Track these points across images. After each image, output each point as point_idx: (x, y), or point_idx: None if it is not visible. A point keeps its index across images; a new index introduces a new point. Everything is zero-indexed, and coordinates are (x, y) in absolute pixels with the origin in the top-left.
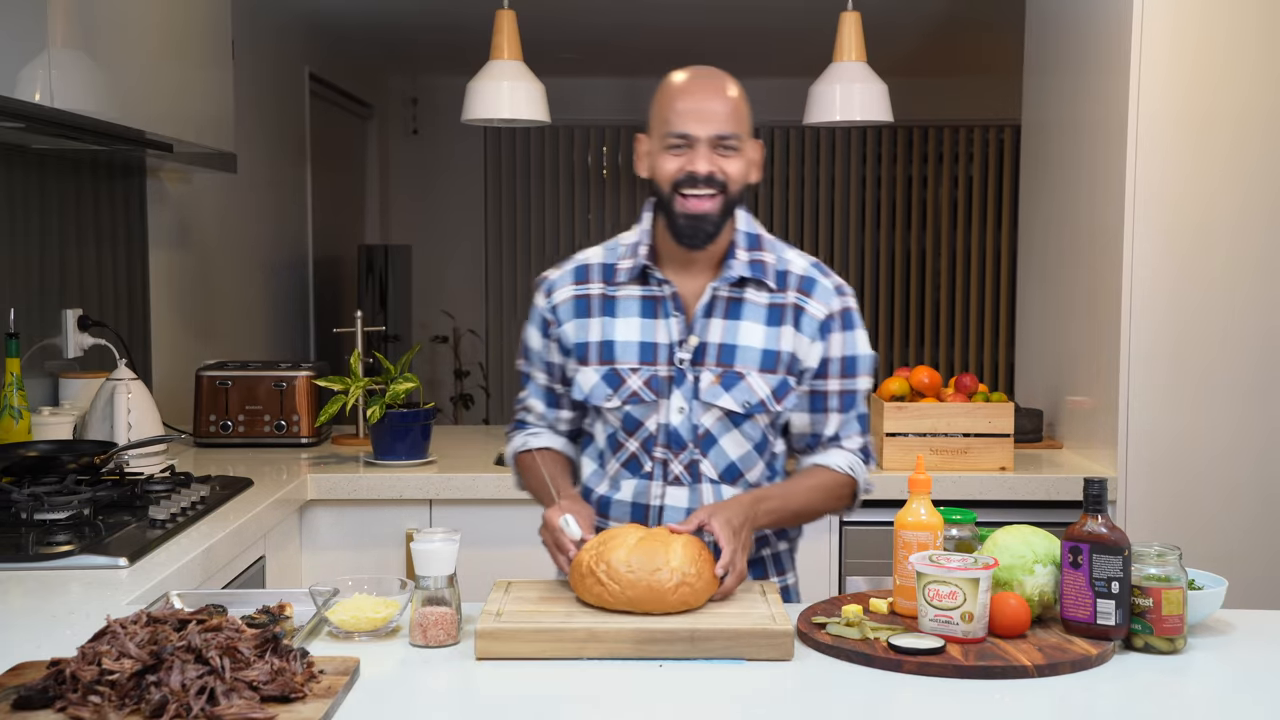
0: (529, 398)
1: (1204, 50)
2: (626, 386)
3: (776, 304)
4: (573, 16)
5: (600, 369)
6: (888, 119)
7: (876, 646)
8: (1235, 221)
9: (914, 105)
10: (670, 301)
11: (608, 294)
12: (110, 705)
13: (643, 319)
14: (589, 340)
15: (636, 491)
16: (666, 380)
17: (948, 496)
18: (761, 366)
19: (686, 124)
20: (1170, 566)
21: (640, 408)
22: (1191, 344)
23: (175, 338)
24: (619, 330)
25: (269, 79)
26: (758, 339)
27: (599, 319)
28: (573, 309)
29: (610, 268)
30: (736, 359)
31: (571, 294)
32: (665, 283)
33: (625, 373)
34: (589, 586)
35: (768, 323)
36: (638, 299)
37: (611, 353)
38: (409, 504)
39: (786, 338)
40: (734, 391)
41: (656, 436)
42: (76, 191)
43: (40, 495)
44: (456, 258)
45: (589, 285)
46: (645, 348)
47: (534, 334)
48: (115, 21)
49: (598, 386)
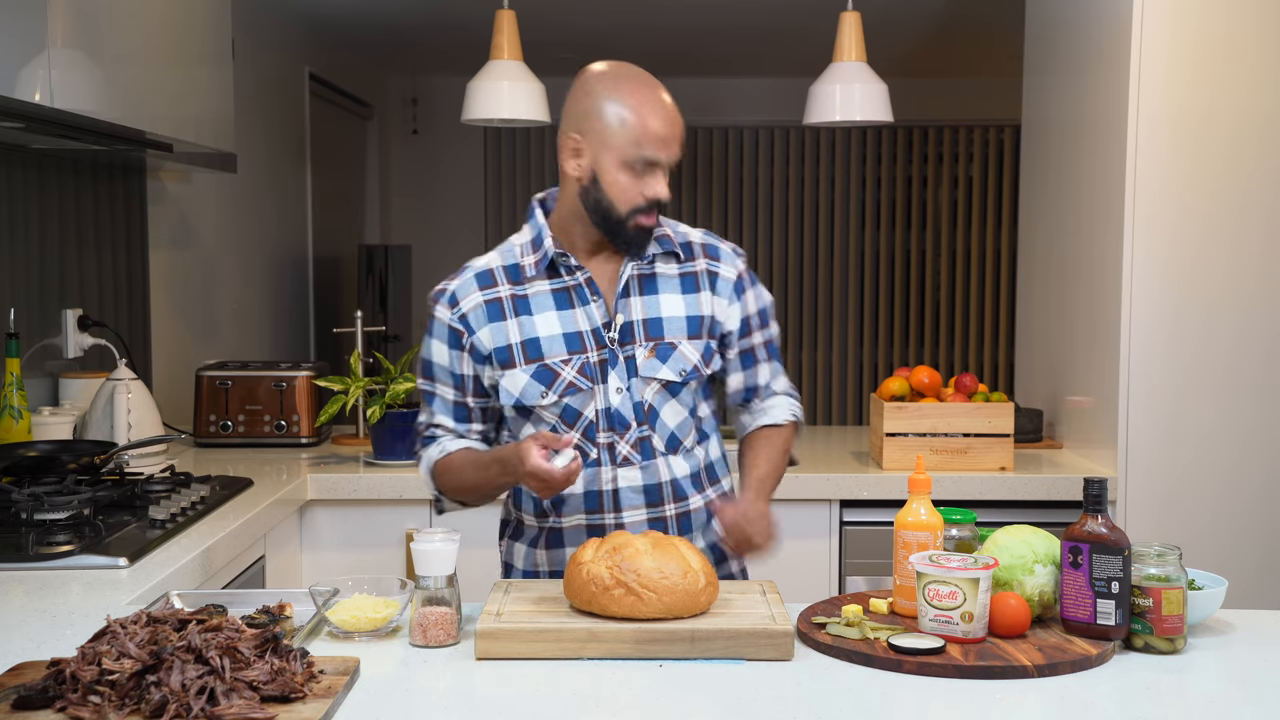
0: (436, 415)
1: (1204, 50)
2: (560, 379)
3: (688, 272)
4: (573, 16)
5: (529, 368)
6: (888, 119)
7: (876, 646)
8: (1235, 221)
9: (914, 105)
10: (586, 288)
11: (517, 294)
12: (110, 705)
13: (560, 310)
14: (510, 342)
15: (587, 480)
16: (599, 365)
17: (948, 496)
18: (689, 333)
19: (658, 152)
20: (1170, 566)
21: (577, 397)
22: (1191, 344)
23: (175, 338)
24: (539, 326)
25: (269, 79)
26: (679, 308)
27: (514, 320)
28: (484, 314)
29: (514, 268)
30: (665, 330)
31: (480, 300)
32: (579, 269)
33: (556, 365)
34: (617, 599)
35: (684, 291)
36: (549, 292)
37: (537, 349)
38: (409, 504)
39: (705, 303)
40: (670, 362)
41: (597, 422)
42: (76, 191)
43: (40, 495)
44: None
45: (496, 288)
46: (570, 338)
47: (438, 348)
48: (115, 21)
49: (529, 386)
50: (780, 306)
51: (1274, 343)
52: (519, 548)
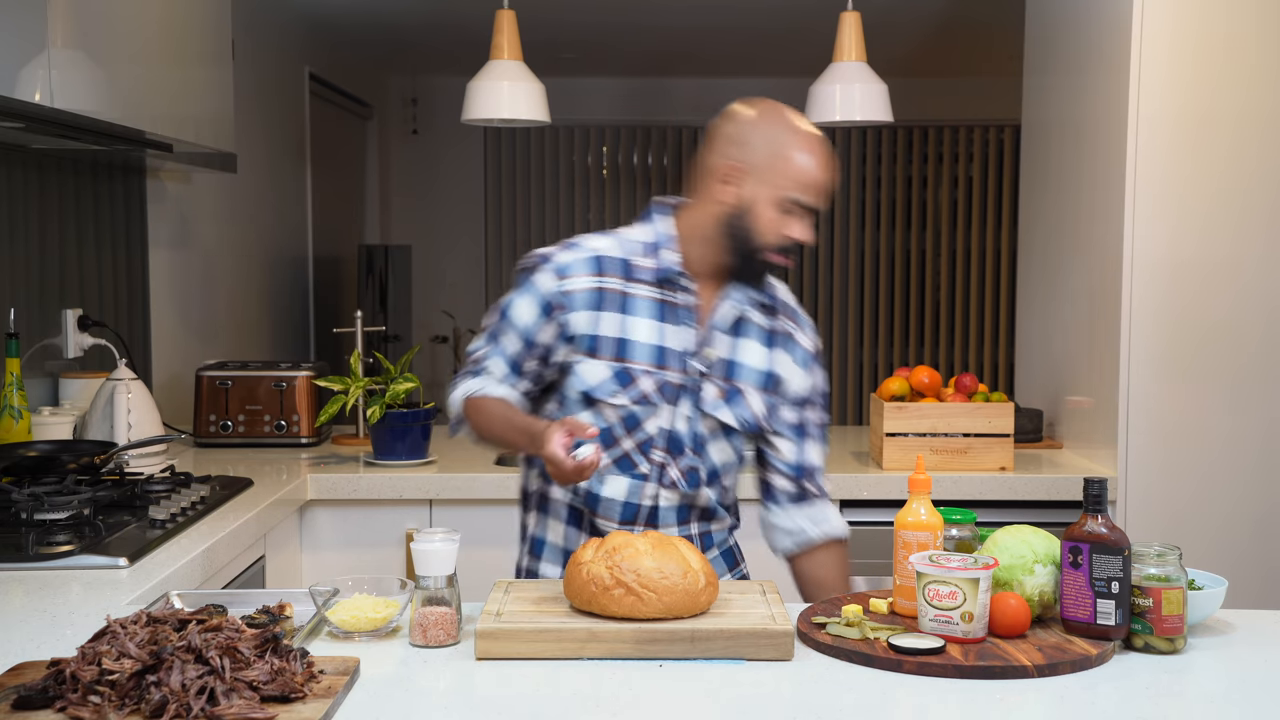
0: (489, 357)
1: (1204, 50)
2: (637, 387)
3: (773, 329)
4: (573, 16)
5: (612, 365)
6: (888, 119)
7: (876, 646)
8: (1235, 221)
9: (914, 105)
10: (689, 310)
11: (624, 290)
12: (110, 705)
13: (658, 322)
14: (601, 334)
15: (630, 490)
16: (676, 387)
17: (948, 496)
18: (760, 386)
19: (814, 198)
20: (1170, 566)
21: (646, 409)
22: (1191, 344)
23: (175, 338)
24: (636, 329)
25: (269, 79)
26: (758, 359)
27: (614, 314)
28: (588, 299)
29: (626, 264)
30: (739, 375)
31: (589, 283)
32: (691, 293)
33: (638, 373)
34: (617, 599)
35: (766, 344)
36: (653, 300)
37: (626, 350)
38: (409, 504)
39: (781, 362)
40: (734, 407)
41: (655, 440)
42: (76, 191)
43: (40, 495)
44: (456, 258)
45: (606, 278)
46: (660, 351)
47: (525, 306)
48: (115, 21)
49: (606, 382)
50: None
51: (1274, 342)
52: (553, 523)
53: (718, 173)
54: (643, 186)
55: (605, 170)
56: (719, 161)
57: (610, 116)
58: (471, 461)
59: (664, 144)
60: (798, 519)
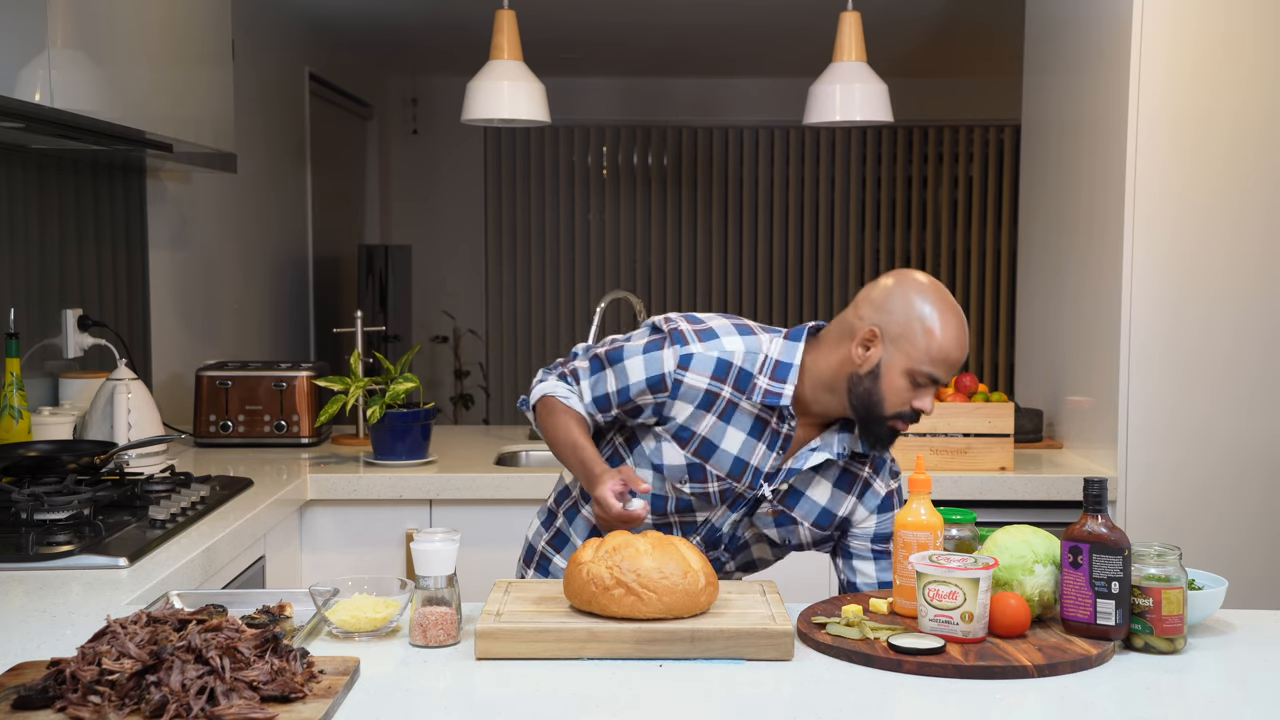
0: (584, 379)
1: (1203, 50)
2: (705, 485)
3: (851, 471)
4: (573, 16)
5: (690, 458)
6: (888, 119)
7: (876, 646)
8: (1235, 221)
9: (914, 105)
10: (782, 440)
11: (732, 400)
12: (110, 705)
13: (749, 436)
14: (695, 430)
15: None
16: (739, 497)
17: (948, 496)
18: (815, 521)
19: (945, 375)
20: (1170, 566)
21: (702, 503)
22: (1191, 344)
23: (175, 338)
24: (726, 438)
25: (269, 79)
26: (824, 497)
27: (714, 417)
28: (697, 398)
29: (747, 377)
30: (797, 506)
31: (705, 386)
32: (793, 428)
33: (712, 475)
34: (617, 599)
35: (836, 484)
36: (754, 417)
37: (709, 452)
38: (409, 504)
39: (847, 505)
40: (782, 529)
41: (699, 528)
42: (76, 191)
43: (40, 495)
44: (456, 258)
45: (723, 385)
46: (739, 464)
47: (639, 367)
48: (115, 21)
49: (679, 469)
50: (780, 307)
51: (1273, 342)
52: (577, 530)
53: (857, 334)
54: (643, 186)
55: (605, 170)
56: (858, 324)
57: (610, 116)
58: (472, 462)
59: (664, 144)
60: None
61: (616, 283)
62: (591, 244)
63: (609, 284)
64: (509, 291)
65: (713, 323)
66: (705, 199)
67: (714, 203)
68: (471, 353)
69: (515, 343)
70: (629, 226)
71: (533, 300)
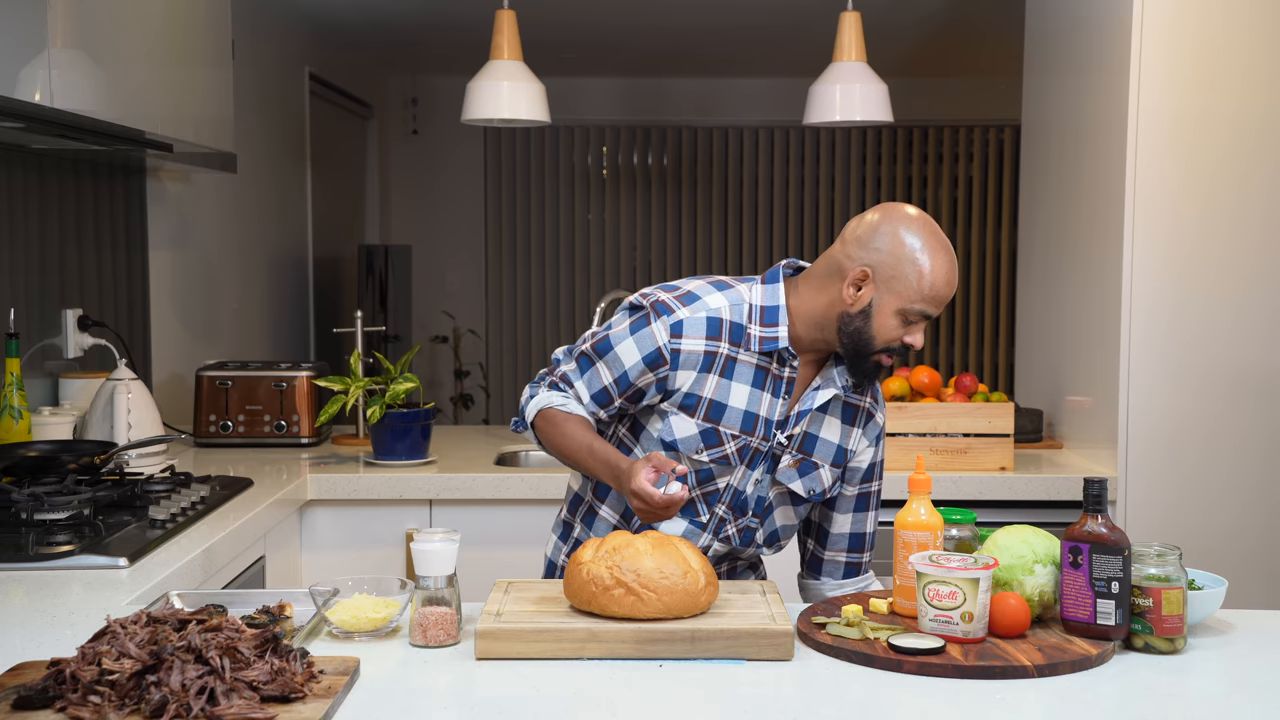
0: (577, 381)
1: (1203, 50)
2: (721, 448)
3: (854, 404)
4: (573, 16)
5: (702, 424)
6: (888, 119)
7: (876, 646)
8: (1235, 221)
9: (914, 105)
10: (786, 384)
11: (730, 355)
12: (110, 705)
13: (753, 388)
14: (701, 395)
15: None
16: (755, 452)
17: (948, 496)
18: (833, 461)
19: (935, 310)
20: (1170, 566)
21: (723, 467)
22: (1191, 344)
23: (175, 338)
24: (733, 395)
25: (269, 79)
26: (836, 435)
27: (716, 377)
28: (696, 361)
29: (739, 329)
30: (816, 449)
31: (701, 349)
32: (792, 367)
33: (725, 435)
34: (617, 598)
35: (844, 420)
36: (754, 367)
37: (719, 414)
38: (409, 504)
39: (854, 438)
40: (806, 479)
41: (723, 495)
42: (76, 191)
43: (40, 495)
44: (456, 258)
45: (719, 343)
46: (749, 417)
47: (630, 350)
48: (115, 21)
49: (692, 438)
50: None
51: (1273, 342)
52: (603, 527)
53: (847, 274)
54: (643, 186)
55: (605, 170)
56: (847, 264)
57: (610, 116)
58: (472, 462)
59: (664, 144)
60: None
61: (616, 283)
62: (591, 244)
63: (609, 284)
64: (509, 291)
65: (689, 285)
66: (705, 199)
67: (714, 203)
68: (471, 353)
69: (515, 343)
70: (629, 227)
71: (533, 300)
